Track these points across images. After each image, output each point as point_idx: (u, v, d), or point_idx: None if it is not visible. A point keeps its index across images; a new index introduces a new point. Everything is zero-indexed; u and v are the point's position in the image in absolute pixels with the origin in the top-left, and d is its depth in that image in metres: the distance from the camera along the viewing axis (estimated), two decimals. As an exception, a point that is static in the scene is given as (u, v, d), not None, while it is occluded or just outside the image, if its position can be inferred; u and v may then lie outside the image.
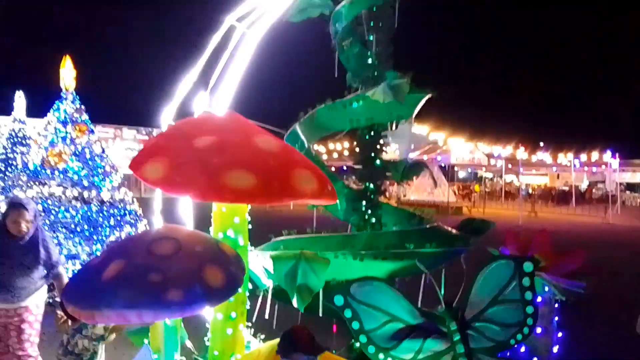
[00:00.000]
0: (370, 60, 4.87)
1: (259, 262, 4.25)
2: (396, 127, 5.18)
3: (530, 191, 34.92)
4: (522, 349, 4.34)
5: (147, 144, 3.65)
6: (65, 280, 4.07)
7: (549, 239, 4.62)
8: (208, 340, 3.89)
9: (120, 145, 32.33)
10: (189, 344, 4.33)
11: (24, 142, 13.33)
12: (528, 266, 3.57)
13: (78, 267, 7.59)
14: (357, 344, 3.97)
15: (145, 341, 3.48)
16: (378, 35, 4.89)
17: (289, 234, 4.46)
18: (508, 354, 3.77)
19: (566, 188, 37.84)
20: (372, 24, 4.83)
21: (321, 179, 3.43)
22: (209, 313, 4.11)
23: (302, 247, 4.01)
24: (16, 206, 4.00)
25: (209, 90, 4.66)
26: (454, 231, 4.60)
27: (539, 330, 4.24)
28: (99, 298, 2.86)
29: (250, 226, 3.77)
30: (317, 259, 3.70)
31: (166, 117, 4.79)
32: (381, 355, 3.42)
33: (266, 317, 4.33)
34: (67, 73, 8.65)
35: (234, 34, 4.66)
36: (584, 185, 43.09)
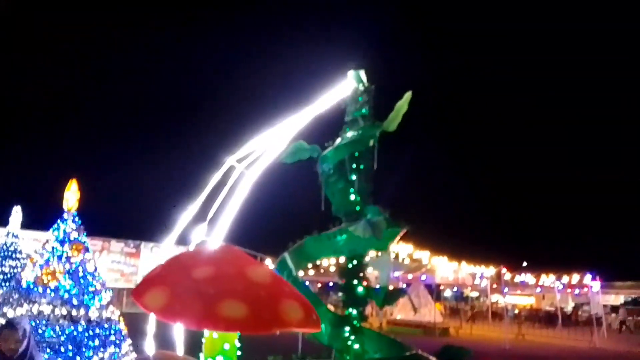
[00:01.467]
0: (352, 197, 5.44)
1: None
2: (376, 256, 5.63)
3: (516, 312, 34.67)
4: None
5: (149, 274, 4.02)
6: None
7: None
8: None
9: (107, 258, 32.16)
10: None
11: (14, 255, 13.48)
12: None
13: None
14: None
15: None
16: (359, 175, 5.52)
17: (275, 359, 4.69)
18: None
19: (552, 309, 37.64)
20: (354, 166, 5.47)
21: (307, 308, 3.78)
22: None
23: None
24: (7, 326, 4.29)
25: (208, 222, 5.14)
26: (433, 359, 4.87)
27: None
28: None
29: (239, 353, 4.03)
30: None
31: (167, 243, 5.22)
32: None
33: None
34: (71, 195, 9.12)
35: (233, 173, 5.26)
36: (569, 307, 42.90)
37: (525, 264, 35.19)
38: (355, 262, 5.38)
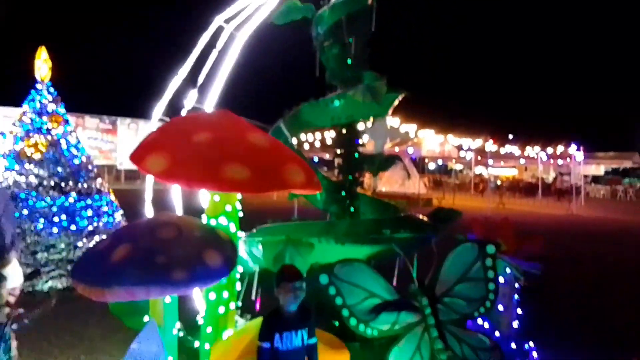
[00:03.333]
0: (349, 62, 5.23)
1: (246, 248, 4.59)
2: (373, 123, 5.57)
3: (498, 183, 35.90)
4: (486, 325, 4.81)
5: (146, 140, 3.95)
6: (16, 269, 3.82)
7: (510, 226, 5.10)
8: (201, 319, 4.23)
9: (82, 134, 31.77)
10: (178, 325, 4.66)
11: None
12: (490, 248, 4.03)
13: (56, 256, 7.78)
14: (337, 323, 4.38)
15: (146, 318, 3.79)
16: (356, 38, 5.25)
17: (274, 222, 4.81)
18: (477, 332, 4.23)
19: (533, 180, 38.99)
20: (351, 28, 5.19)
21: (308, 171, 3.79)
22: (200, 295, 4.47)
23: (288, 234, 4.39)
24: None
25: (198, 88, 4.97)
26: (425, 219, 5.03)
27: (500, 307, 4.70)
28: (110, 277, 3.17)
29: (241, 214, 4.11)
30: (303, 243, 4.08)
31: (157, 112, 5.09)
32: (361, 327, 3.84)
33: (252, 298, 4.68)
34: (43, 64, 8.77)
35: (222, 34, 4.97)
36: (551, 178, 44.42)
37: (511, 136, 35.72)
38: (351, 128, 5.31)
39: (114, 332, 5.53)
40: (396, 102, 5.13)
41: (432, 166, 52.40)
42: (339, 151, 5.42)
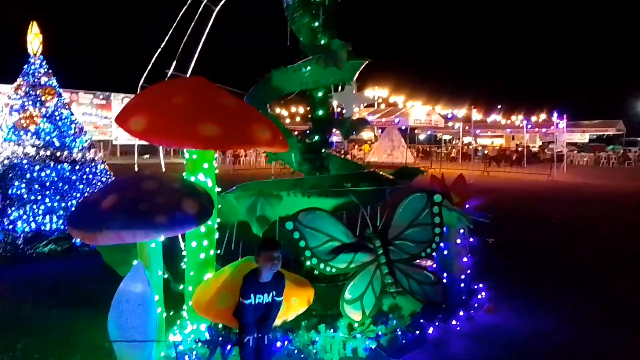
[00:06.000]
0: (318, 31, 5.66)
1: (224, 202, 5.09)
2: (342, 89, 6.03)
3: (485, 152, 36.48)
4: (434, 265, 5.38)
5: (129, 103, 4.41)
6: None
7: (464, 182, 5.63)
8: (183, 265, 4.75)
9: (76, 110, 31.82)
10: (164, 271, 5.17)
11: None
12: (437, 197, 4.56)
13: (55, 220, 8.27)
14: (307, 263, 4.92)
15: (135, 262, 4.30)
16: (324, 8, 5.67)
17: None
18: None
19: (520, 149, 39.64)
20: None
21: (274, 130, 4.28)
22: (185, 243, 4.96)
23: (261, 189, 4.89)
24: None
25: (177, 57, 5.40)
26: (387, 176, 5.55)
27: (445, 252, 5.22)
28: (100, 222, 3.66)
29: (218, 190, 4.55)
30: (273, 195, 4.59)
31: (140, 80, 5.53)
32: (322, 265, 4.40)
33: (232, 248, 5.21)
34: (35, 38, 9.09)
35: (199, 7, 5.39)
36: (537, 146, 45.11)
37: (499, 106, 36.16)
38: (319, 93, 5.77)
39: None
40: (360, 68, 5.59)
41: (422, 137, 53.03)
42: (309, 115, 5.89)
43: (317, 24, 5.67)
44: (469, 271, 5.33)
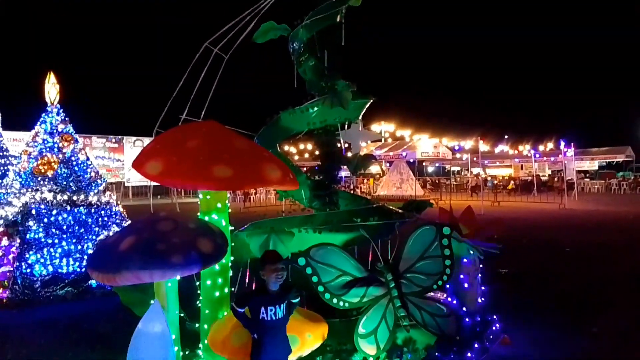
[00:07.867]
0: (323, 73, 5.88)
1: (237, 240, 5.21)
2: (348, 126, 6.20)
3: (495, 182, 36.46)
4: (455, 302, 5.41)
5: (146, 148, 4.60)
6: None
7: (472, 213, 5.72)
8: (199, 303, 4.83)
9: (90, 154, 32.49)
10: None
11: (1, 153, 13.80)
12: (446, 230, 4.66)
13: (71, 263, 8.42)
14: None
15: (152, 301, 4.39)
16: (328, 51, 5.91)
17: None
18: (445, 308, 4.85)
19: (529, 178, 39.58)
20: (323, 42, 5.85)
21: (284, 169, 4.43)
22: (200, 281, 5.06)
23: (273, 226, 5.01)
24: None
25: (190, 103, 5.63)
26: (395, 209, 5.65)
27: (465, 285, 5.31)
28: (119, 264, 3.78)
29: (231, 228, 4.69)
30: (285, 232, 4.70)
31: (155, 125, 5.74)
32: (335, 300, 4.47)
33: (245, 285, 5.30)
34: (52, 88, 9.46)
35: (210, 56, 5.64)
36: (547, 176, 45.01)
37: (506, 136, 36.36)
38: (327, 133, 5.95)
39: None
40: (366, 106, 5.78)
41: (430, 169, 53.20)
42: (317, 153, 6.05)
43: (322, 66, 5.89)
44: (482, 302, 5.36)
